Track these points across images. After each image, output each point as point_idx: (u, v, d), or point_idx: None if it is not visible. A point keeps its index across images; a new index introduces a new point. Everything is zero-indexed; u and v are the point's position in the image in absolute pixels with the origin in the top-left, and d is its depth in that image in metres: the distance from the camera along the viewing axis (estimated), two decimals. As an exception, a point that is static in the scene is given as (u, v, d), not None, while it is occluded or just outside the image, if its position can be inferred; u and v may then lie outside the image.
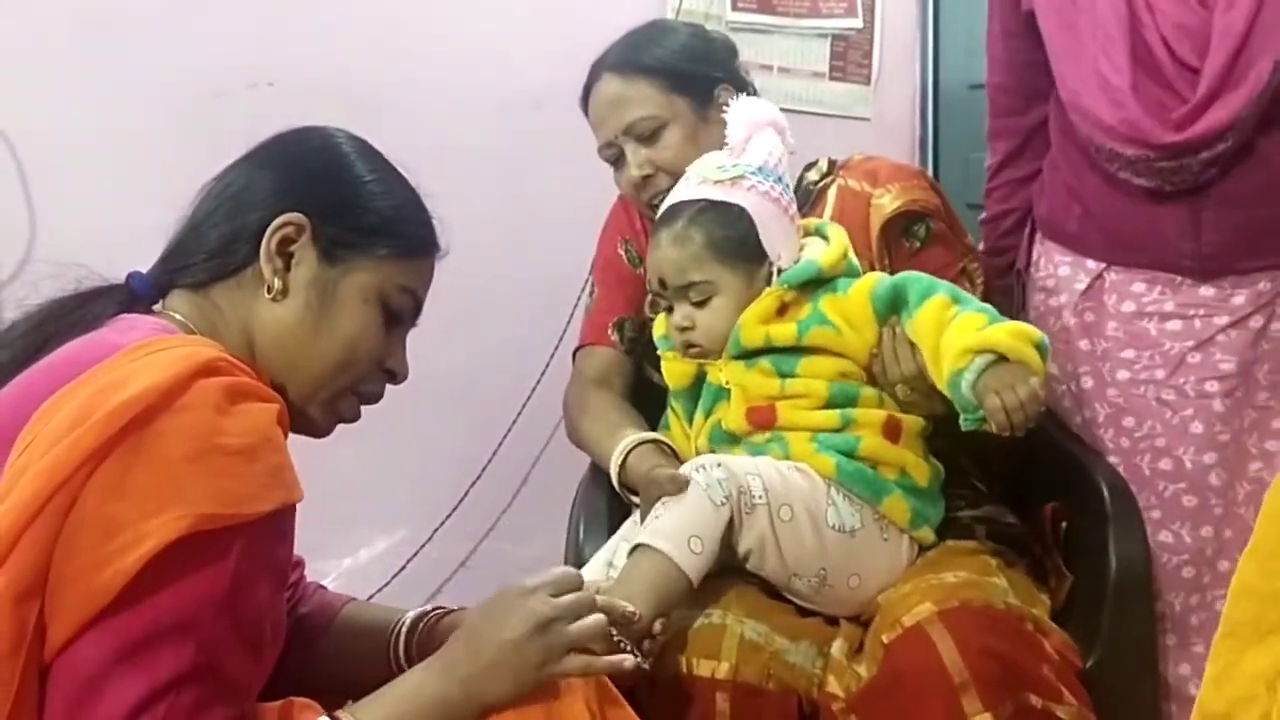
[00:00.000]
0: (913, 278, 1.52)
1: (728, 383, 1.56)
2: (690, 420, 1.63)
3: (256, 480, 0.96)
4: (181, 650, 0.92)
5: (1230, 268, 1.69)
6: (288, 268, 1.13)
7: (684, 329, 1.56)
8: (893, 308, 1.51)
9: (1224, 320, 1.70)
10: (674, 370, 1.64)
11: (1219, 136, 1.60)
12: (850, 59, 2.48)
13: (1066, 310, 1.81)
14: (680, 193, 1.59)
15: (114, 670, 0.90)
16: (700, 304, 1.55)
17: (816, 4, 2.43)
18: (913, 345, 1.48)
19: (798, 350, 1.53)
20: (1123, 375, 1.75)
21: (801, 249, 1.58)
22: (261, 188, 1.15)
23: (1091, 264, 1.79)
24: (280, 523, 1.01)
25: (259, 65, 2.26)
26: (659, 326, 1.67)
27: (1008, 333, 1.39)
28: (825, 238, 1.60)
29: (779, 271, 1.55)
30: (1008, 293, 1.94)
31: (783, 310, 1.54)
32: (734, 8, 2.41)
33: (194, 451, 0.93)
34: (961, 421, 1.41)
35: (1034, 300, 1.89)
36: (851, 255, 1.59)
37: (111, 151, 2.21)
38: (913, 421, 1.53)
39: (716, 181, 1.56)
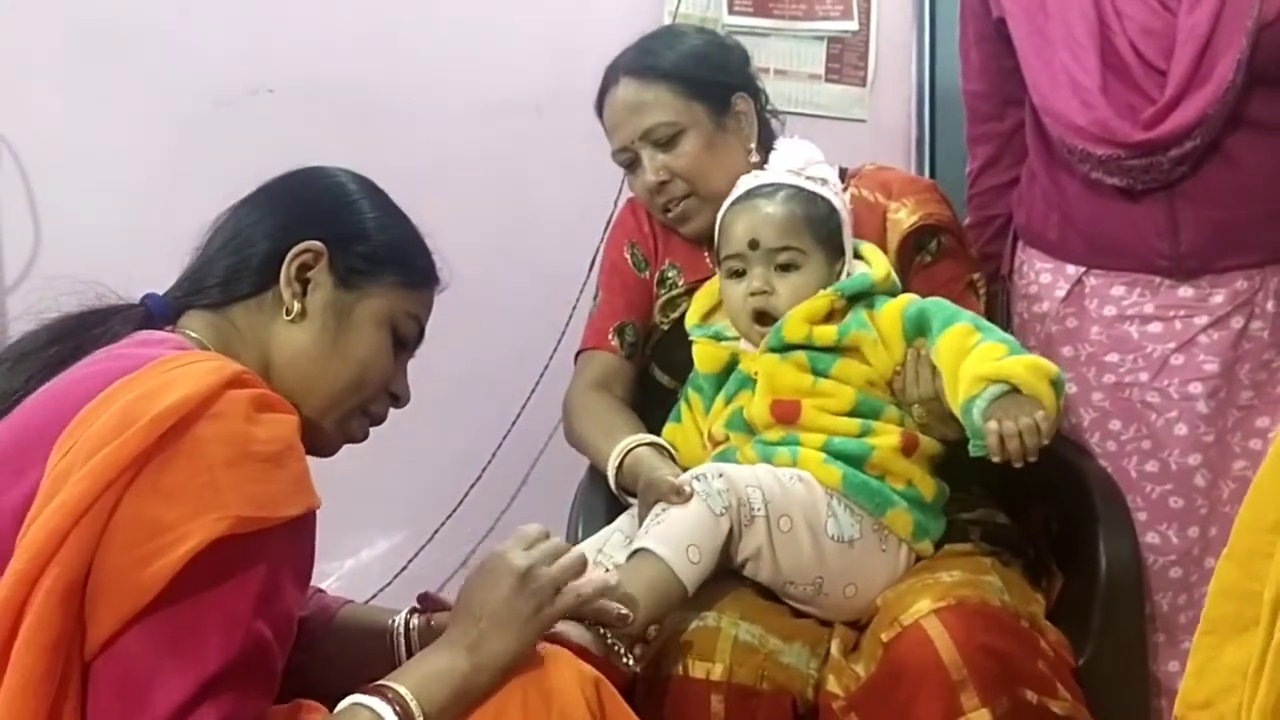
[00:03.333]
0: (939, 304, 1.55)
1: (756, 373, 1.57)
2: (709, 407, 1.64)
3: (285, 486, 1.00)
4: (226, 645, 0.95)
5: (1207, 267, 1.72)
6: (305, 292, 1.18)
7: (760, 293, 1.57)
8: (919, 330, 1.54)
9: (1204, 320, 1.72)
10: (706, 354, 1.65)
11: (1187, 134, 1.63)
12: (846, 61, 2.48)
13: (1049, 318, 1.83)
14: (768, 177, 1.61)
15: (161, 665, 0.93)
16: (785, 269, 1.57)
17: (812, 6, 2.44)
18: (934, 369, 1.50)
19: (836, 350, 1.55)
20: (1107, 379, 1.77)
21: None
22: (275, 219, 1.21)
23: (1071, 269, 1.81)
24: (304, 526, 1.04)
25: (260, 72, 2.26)
26: (694, 313, 1.68)
27: (1024, 365, 1.42)
28: (862, 257, 1.63)
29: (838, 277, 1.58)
30: (993, 299, 1.94)
31: (830, 316, 1.56)
32: (730, 11, 2.41)
33: (231, 457, 0.97)
34: (970, 447, 1.43)
35: (1017, 308, 1.90)
36: (894, 275, 1.62)
37: (114, 158, 2.21)
38: (929, 443, 1.55)
39: (808, 176, 1.60)
